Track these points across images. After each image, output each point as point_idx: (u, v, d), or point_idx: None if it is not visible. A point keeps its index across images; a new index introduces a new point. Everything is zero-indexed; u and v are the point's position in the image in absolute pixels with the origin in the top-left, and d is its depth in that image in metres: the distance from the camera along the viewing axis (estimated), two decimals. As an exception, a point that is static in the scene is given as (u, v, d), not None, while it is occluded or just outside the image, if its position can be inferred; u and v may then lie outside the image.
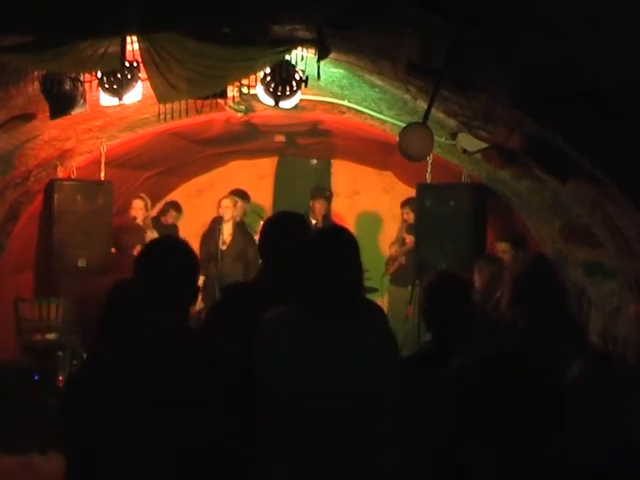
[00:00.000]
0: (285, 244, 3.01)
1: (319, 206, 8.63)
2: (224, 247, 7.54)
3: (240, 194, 8.14)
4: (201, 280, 7.72)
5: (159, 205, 9.09)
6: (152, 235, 7.79)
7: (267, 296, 2.75)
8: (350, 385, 2.50)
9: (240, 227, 7.84)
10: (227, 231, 7.64)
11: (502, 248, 6.16)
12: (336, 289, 2.56)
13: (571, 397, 1.99)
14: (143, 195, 7.78)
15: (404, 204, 7.96)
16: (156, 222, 8.58)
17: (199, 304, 7.90)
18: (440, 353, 3.01)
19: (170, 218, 8.77)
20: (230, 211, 7.63)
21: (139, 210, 7.62)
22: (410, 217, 7.62)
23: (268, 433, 2.49)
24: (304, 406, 2.47)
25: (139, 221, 7.55)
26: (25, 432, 5.63)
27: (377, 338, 2.62)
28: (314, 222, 8.29)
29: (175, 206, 8.90)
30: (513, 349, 2.42)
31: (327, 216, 8.77)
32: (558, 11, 2.51)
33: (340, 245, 2.65)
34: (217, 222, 7.82)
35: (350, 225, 8.82)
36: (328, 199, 8.94)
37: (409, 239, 7.79)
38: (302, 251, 2.67)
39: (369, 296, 3.92)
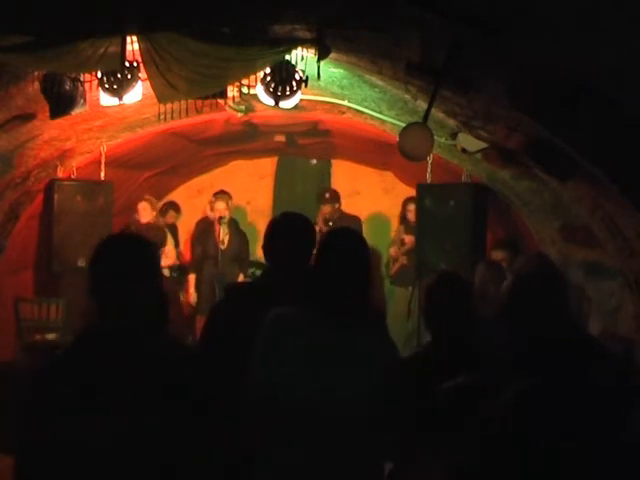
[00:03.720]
0: (288, 245, 3.01)
1: (325, 210, 8.14)
2: (223, 247, 7.65)
3: (224, 195, 8.04)
4: (193, 279, 7.96)
5: (158, 206, 9.11)
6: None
7: (269, 296, 2.75)
8: (343, 387, 2.49)
9: (234, 226, 7.99)
10: (224, 231, 7.76)
11: (498, 256, 6.11)
12: (341, 291, 2.55)
13: None
14: (148, 197, 7.85)
15: (409, 200, 7.75)
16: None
17: (193, 301, 8.00)
18: (440, 355, 3.02)
19: (169, 218, 8.77)
20: (227, 212, 7.79)
21: (142, 211, 7.69)
22: (414, 214, 7.27)
23: (259, 433, 2.50)
24: (296, 407, 2.46)
25: (146, 222, 7.59)
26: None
27: (378, 343, 2.60)
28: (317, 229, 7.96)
29: (174, 206, 8.90)
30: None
31: (333, 220, 8.08)
32: (558, 11, 2.51)
33: (348, 247, 2.63)
34: (205, 223, 8.03)
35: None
36: (330, 201, 8.31)
37: (408, 239, 7.73)
38: (316, 252, 2.67)
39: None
